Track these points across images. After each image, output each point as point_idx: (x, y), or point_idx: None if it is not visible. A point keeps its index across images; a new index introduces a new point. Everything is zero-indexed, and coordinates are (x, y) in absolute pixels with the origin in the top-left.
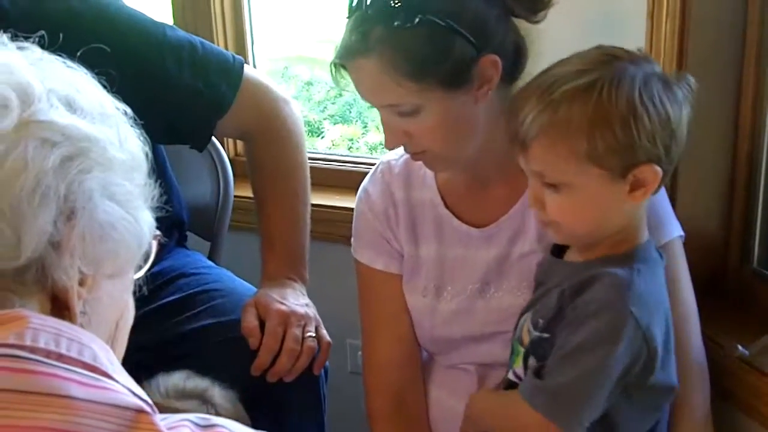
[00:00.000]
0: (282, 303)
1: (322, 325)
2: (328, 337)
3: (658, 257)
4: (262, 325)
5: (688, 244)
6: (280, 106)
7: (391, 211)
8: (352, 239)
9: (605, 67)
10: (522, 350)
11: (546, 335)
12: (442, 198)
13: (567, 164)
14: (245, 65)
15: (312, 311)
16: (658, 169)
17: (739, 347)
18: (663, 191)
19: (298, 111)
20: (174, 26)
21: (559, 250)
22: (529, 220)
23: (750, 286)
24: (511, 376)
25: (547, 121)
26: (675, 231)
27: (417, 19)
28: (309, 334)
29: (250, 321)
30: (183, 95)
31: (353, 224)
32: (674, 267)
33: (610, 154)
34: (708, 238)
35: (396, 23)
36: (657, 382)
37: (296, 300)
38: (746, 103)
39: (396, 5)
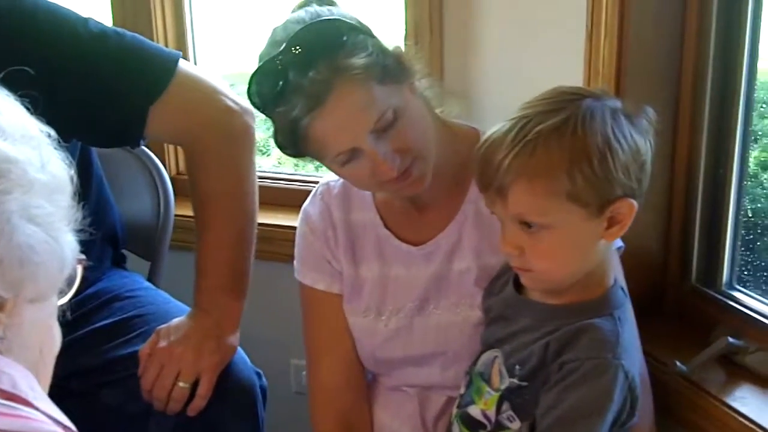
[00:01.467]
0: (171, 342)
1: (211, 371)
2: (208, 387)
3: (624, 295)
4: None
5: (627, 261)
6: (224, 113)
7: (330, 232)
8: (295, 261)
9: (572, 104)
10: (492, 392)
11: (524, 383)
12: (382, 218)
13: (548, 204)
14: (185, 61)
15: (209, 359)
16: (634, 202)
17: (678, 363)
18: None
19: (249, 121)
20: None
21: (518, 284)
22: (466, 237)
23: (689, 302)
24: (477, 414)
25: (525, 163)
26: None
27: (344, 38)
28: (179, 383)
29: (144, 349)
30: (111, 83)
31: (295, 246)
32: None
33: (589, 190)
34: (647, 255)
35: (334, 51)
36: (630, 423)
37: (193, 342)
38: (684, 120)
39: (323, 40)
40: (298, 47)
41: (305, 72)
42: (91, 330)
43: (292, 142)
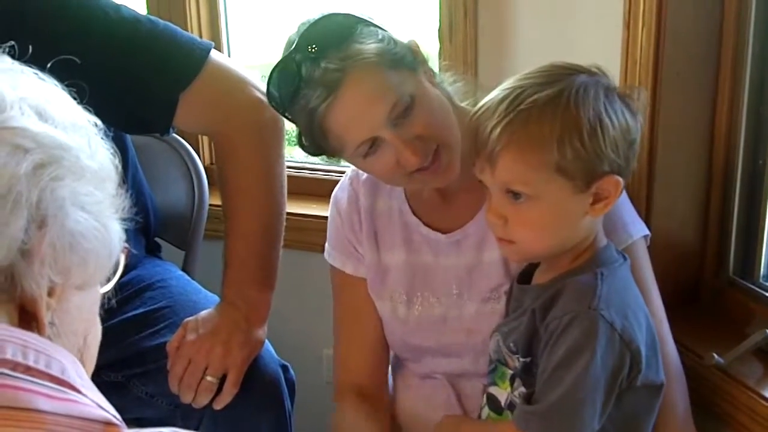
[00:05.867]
0: (200, 336)
1: (239, 366)
2: (235, 381)
3: (621, 258)
4: None
5: (663, 253)
6: (253, 104)
7: (356, 217)
8: (326, 244)
9: (567, 78)
10: (507, 371)
11: (527, 359)
12: (410, 205)
13: (536, 174)
14: (217, 52)
15: (237, 354)
16: (620, 179)
17: (715, 356)
18: (624, 193)
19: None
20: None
21: (526, 278)
22: None
23: (726, 294)
24: (500, 396)
25: (517, 131)
26: (639, 231)
27: (353, 29)
28: (207, 377)
29: (172, 342)
30: (142, 69)
31: (327, 230)
32: (639, 267)
33: (577, 163)
34: (684, 247)
35: (344, 41)
36: (645, 381)
37: (221, 336)
38: (722, 112)
39: (333, 32)
40: (309, 43)
41: (318, 64)
42: (121, 320)
43: (312, 138)
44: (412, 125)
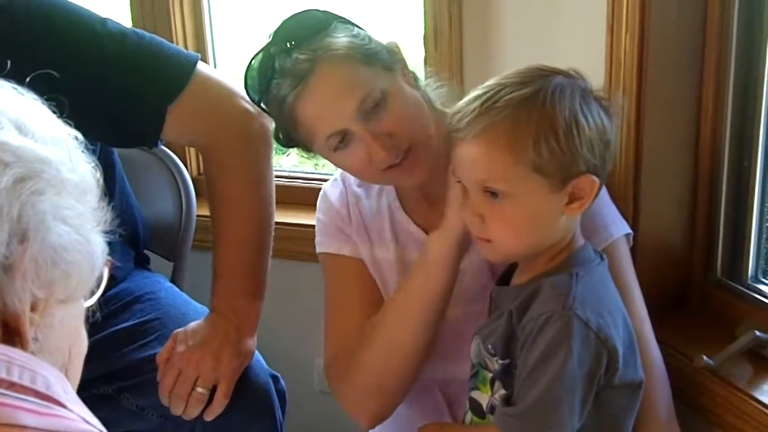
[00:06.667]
0: (189, 347)
1: (230, 377)
2: (226, 392)
3: (598, 258)
4: None
5: (651, 256)
6: (241, 115)
7: (345, 211)
8: (316, 238)
9: (544, 79)
10: (488, 375)
11: (506, 361)
12: (400, 202)
13: (512, 172)
14: (204, 63)
15: (228, 365)
16: (596, 179)
17: (705, 357)
18: (605, 193)
19: (266, 123)
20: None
21: (506, 280)
22: None
23: (714, 296)
24: (481, 400)
25: (493, 130)
26: (620, 230)
27: (328, 24)
28: (197, 389)
29: (161, 354)
30: (129, 82)
31: (316, 224)
32: (620, 267)
33: (553, 162)
34: (672, 250)
35: (317, 34)
36: (623, 380)
37: (211, 347)
38: (706, 114)
39: (307, 25)
40: (284, 34)
41: (290, 55)
42: (111, 332)
43: (284, 130)
44: (382, 121)
